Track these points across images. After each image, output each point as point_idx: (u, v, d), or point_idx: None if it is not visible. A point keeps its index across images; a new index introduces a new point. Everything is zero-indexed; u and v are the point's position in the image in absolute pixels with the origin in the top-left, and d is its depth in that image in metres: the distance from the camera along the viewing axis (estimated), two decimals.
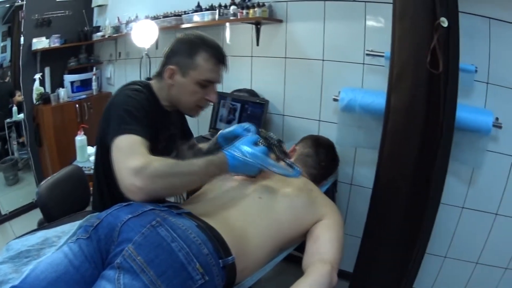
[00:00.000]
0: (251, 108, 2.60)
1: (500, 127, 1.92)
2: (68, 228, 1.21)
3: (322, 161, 1.77)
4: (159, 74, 1.48)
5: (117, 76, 3.85)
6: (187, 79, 1.42)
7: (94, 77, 3.88)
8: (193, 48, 1.41)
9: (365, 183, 2.34)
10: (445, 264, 2.27)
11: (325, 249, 1.32)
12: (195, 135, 2.78)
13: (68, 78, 3.94)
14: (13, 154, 4.02)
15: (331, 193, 2.07)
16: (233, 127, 1.65)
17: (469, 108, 1.94)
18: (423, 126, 1.73)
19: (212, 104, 1.53)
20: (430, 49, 1.62)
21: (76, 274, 1.01)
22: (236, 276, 1.16)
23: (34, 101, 3.78)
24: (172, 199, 1.69)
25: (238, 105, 2.67)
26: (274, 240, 1.32)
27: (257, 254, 1.26)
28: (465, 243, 2.18)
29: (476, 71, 1.95)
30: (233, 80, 2.79)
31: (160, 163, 1.16)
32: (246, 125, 1.65)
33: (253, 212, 1.32)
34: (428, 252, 2.15)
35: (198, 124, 2.96)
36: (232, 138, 1.55)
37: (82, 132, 2.93)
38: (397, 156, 1.82)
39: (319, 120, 2.42)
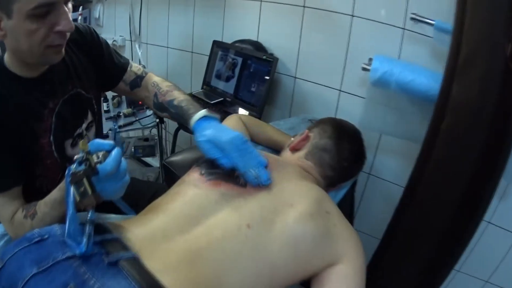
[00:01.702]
0: (255, 65, 2.10)
1: None
2: None
3: (345, 159, 1.30)
4: None
5: (106, 17, 3.28)
6: (15, 18, 0.94)
7: (80, 17, 3.29)
8: None
9: (386, 175, 1.92)
10: (455, 278, 1.96)
11: None
12: (185, 91, 2.35)
13: None
14: None
15: (349, 196, 1.63)
16: None
17: None
18: (488, 132, 1.29)
19: (68, 33, 1.04)
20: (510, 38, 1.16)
21: None
22: None
23: None
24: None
25: (239, 60, 2.17)
26: None
27: None
28: (481, 259, 1.86)
29: None
30: (235, 28, 2.29)
31: (21, 230, 1.01)
32: None
33: (235, 250, 0.89)
34: None
35: (192, 79, 2.49)
36: None
37: None
38: (449, 165, 1.38)
39: (340, 90, 1.93)
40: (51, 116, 1.12)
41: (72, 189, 0.79)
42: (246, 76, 2.14)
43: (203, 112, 1.16)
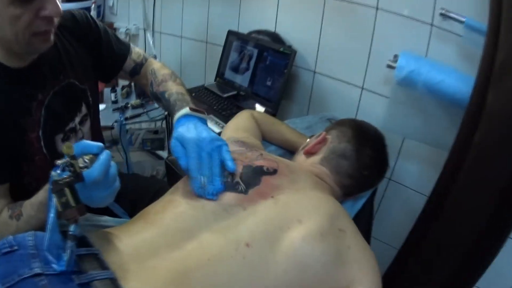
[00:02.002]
0: (272, 58, 1.99)
1: None
2: None
3: (365, 168, 1.17)
4: None
5: (120, 6, 3.17)
6: None
7: (93, 5, 3.12)
8: None
9: (407, 182, 1.80)
10: None
11: None
12: (198, 83, 2.26)
13: (64, 6, 3.31)
14: None
15: (368, 206, 1.49)
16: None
17: None
18: None
19: (56, 18, 0.96)
20: None
21: None
22: None
23: None
24: None
25: (255, 52, 2.06)
26: None
27: None
28: (499, 274, 1.73)
29: None
30: (252, 18, 2.18)
31: (5, 230, 0.92)
32: None
33: (230, 273, 0.80)
34: None
35: (205, 70, 2.38)
36: None
37: None
38: (481, 177, 1.27)
39: (362, 88, 1.82)
40: (40, 110, 1.04)
41: (54, 198, 0.70)
42: (262, 69, 2.03)
43: (185, 110, 1.07)
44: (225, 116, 1.89)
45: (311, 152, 1.22)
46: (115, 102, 2.40)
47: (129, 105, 2.35)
